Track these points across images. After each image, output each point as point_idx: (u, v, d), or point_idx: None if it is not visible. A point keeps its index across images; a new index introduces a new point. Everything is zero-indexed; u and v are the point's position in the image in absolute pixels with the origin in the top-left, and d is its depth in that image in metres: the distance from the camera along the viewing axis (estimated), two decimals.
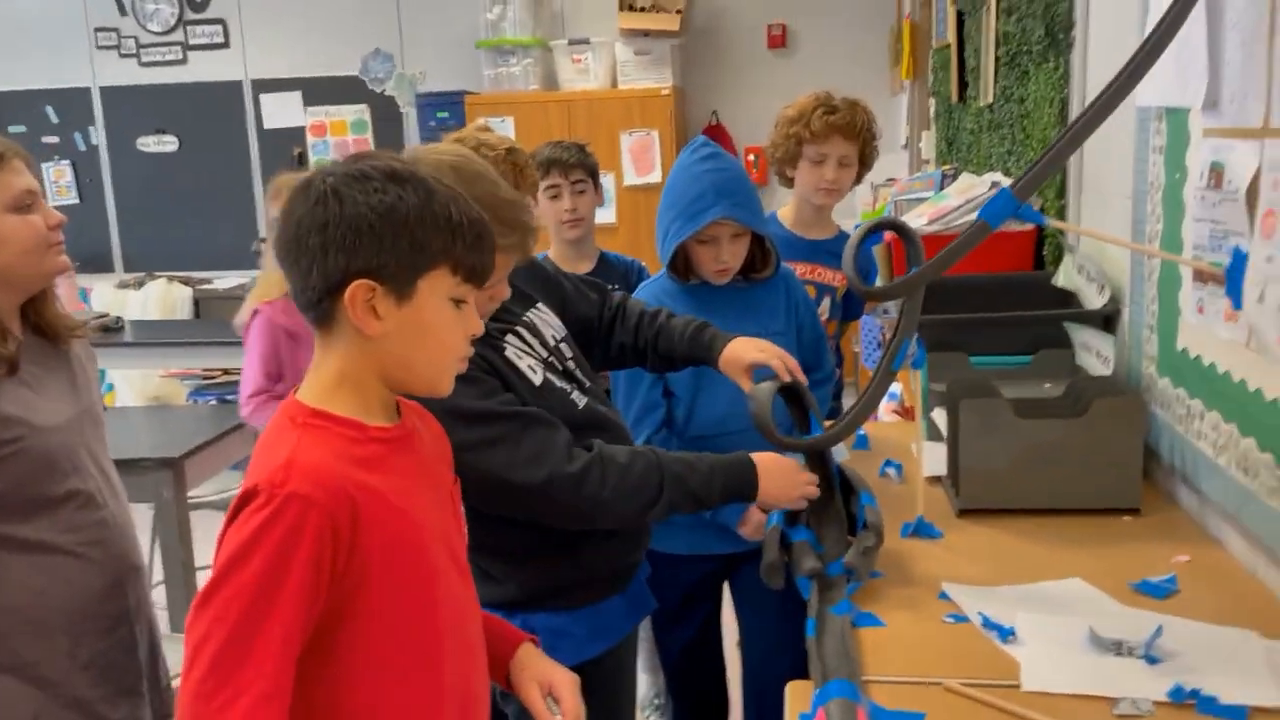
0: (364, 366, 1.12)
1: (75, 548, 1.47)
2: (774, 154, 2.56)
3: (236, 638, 1.00)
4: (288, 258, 1.09)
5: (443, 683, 1.16)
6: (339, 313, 1.08)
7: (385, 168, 1.09)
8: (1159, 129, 1.76)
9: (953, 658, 1.31)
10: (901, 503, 1.78)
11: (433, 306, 1.11)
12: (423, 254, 1.08)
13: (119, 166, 6.50)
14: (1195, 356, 1.63)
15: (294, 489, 1.03)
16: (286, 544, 1.01)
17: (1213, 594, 1.45)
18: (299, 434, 1.08)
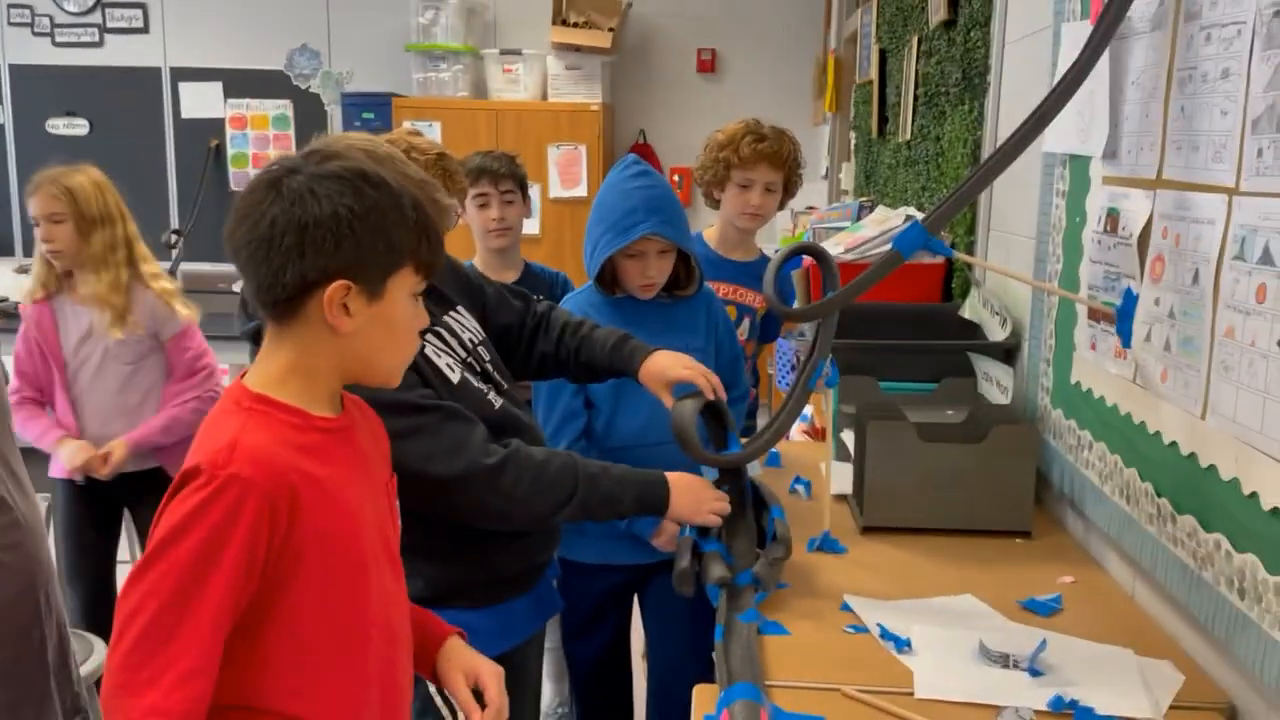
0: (320, 360, 1.14)
1: None
2: (702, 176, 2.63)
3: (166, 613, 1.02)
4: (256, 255, 1.09)
5: (368, 671, 1.17)
6: (305, 309, 1.11)
7: (356, 169, 1.13)
8: (1063, 174, 1.86)
9: (851, 665, 1.37)
10: (809, 518, 1.84)
11: (398, 303, 1.15)
12: (394, 254, 1.13)
13: (25, 147, 6.26)
14: (1087, 390, 1.73)
15: (235, 470, 1.05)
16: (224, 524, 1.03)
17: (1094, 613, 1.54)
18: (244, 417, 1.10)
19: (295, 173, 1.11)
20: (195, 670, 1.02)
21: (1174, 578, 1.42)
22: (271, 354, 1.15)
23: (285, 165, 1.12)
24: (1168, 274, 1.43)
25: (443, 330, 1.66)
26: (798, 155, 2.60)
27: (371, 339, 1.14)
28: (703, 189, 2.66)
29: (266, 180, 1.11)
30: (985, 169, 1.56)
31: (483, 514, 1.54)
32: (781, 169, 2.55)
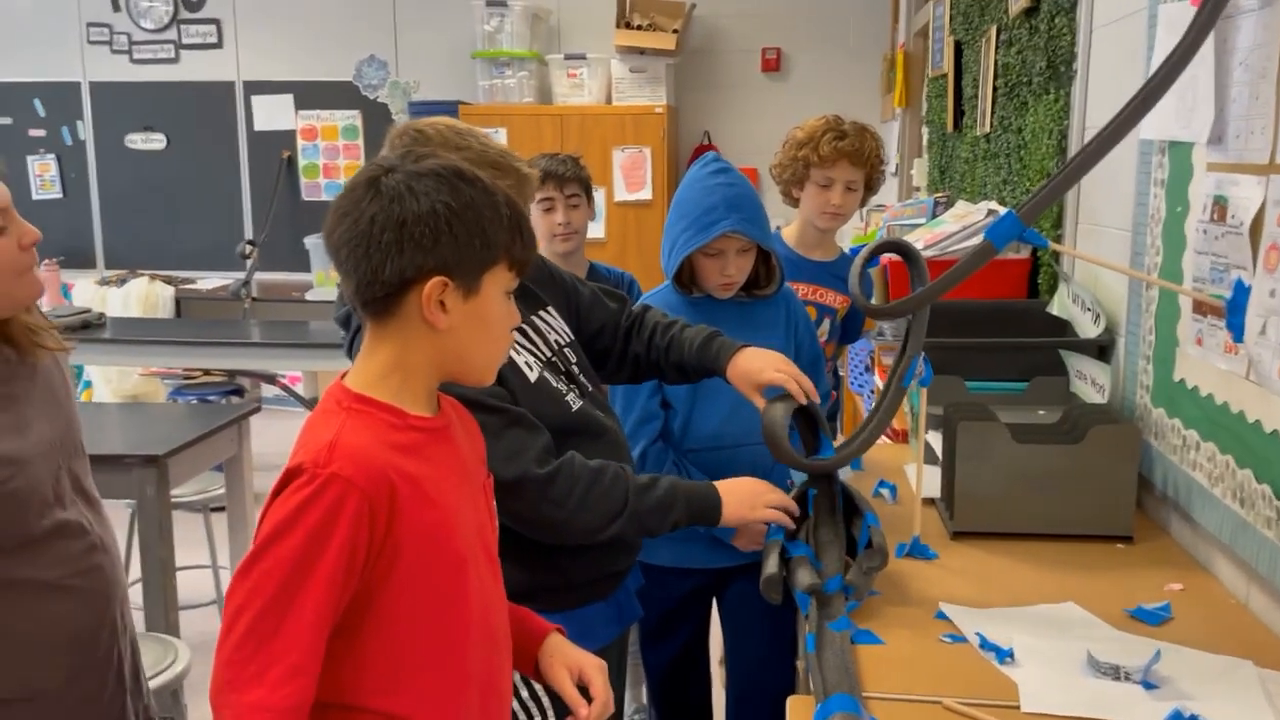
0: (419, 357, 1.15)
1: (65, 580, 1.37)
2: (780, 175, 2.57)
3: (271, 609, 1.04)
4: (355, 252, 1.11)
5: (467, 670, 1.18)
6: (403, 306, 1.12)
7: (452, 167, 1.15)
8: (1161, 162, 1.78)
9: (951, 677, 1.31)
10: (896, 523, 1.78)
11: (493, 299, 1.16)
12: (490, 250, 1.14)
13: (105, 162, 6.45)
14: (1193, 387, 1.65)
15: (336, 470, 1.06)
16: (326, 522, 1.05)
17: (1206, 622, 1.46)
18: (344, 417, 1.12)
19: (393, 171, 1.12)
20: (299, 667, 1.05)
21: None
22: (370, 353, 1.16)
23: (383, 165, 1.14)
24: None
25: (528, 328, 1.66)
26: (880, 152, 2.54)
27: (467, 335, 1.15)
28: (781, 188, 2.60)
29: (365, 179, 1.13)
30: (1082, 158, 1.50)
31: (535, 523, 1.52)
32: (863, 167, 2.48)
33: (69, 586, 1.38)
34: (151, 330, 4.88)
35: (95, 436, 2.96)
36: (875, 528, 1.54)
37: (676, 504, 1.59)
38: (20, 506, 1.32)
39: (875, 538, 1.51)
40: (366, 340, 1.17)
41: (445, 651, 1.16)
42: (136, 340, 4.52)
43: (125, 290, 5.86)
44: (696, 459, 2.02)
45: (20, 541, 1.33)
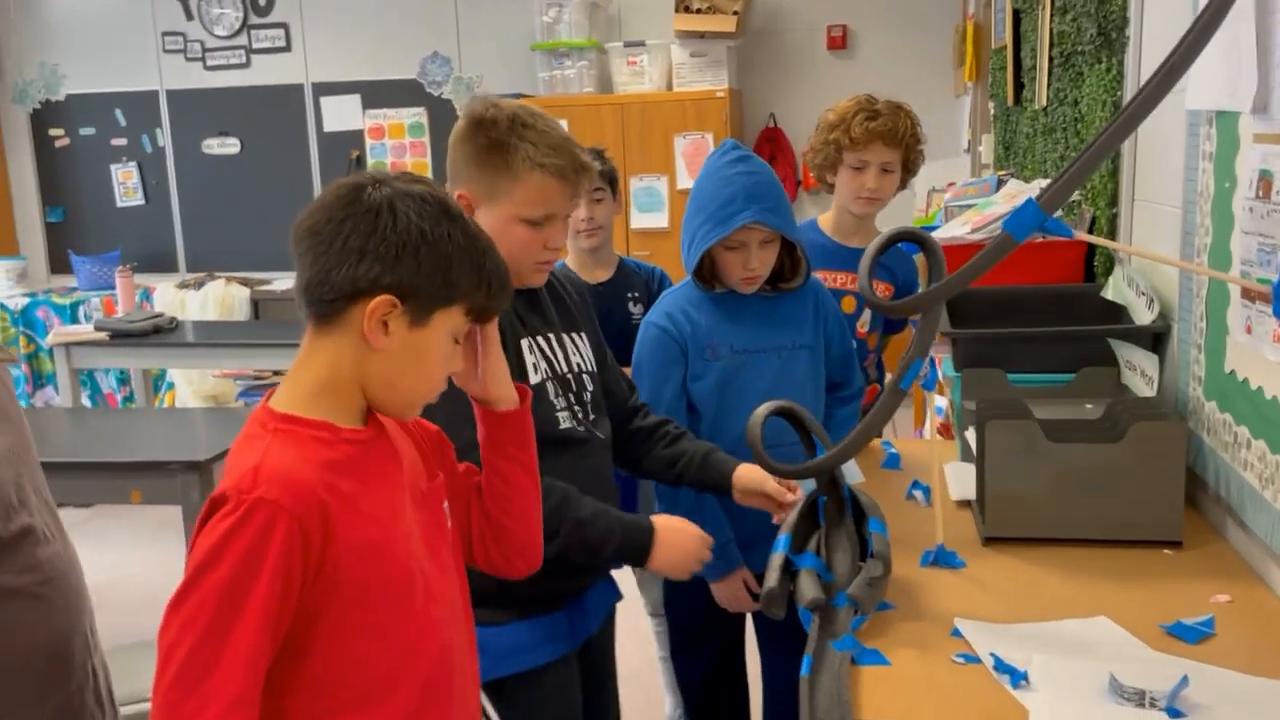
0: (350, 373, 1.13)
1: (35, 588, 1.36)
2: (814, 159, 2.47)
3: (205, 643, 1.00)
4: (316, 246, 1.09)
5: (423, 680, 1.16)
6: (346, 316, 1.10)
7: (441, 198, 1.14)
8: (1209, 134, 1.64)
9: (958, 702, 1.22)
10: (926, 528, 1.69)
11: (437, 338, 1.14)
12: (449, 290, 1.12)
13: (184, 168, 6.62)
14: (1243, 379, 1.51)
15: (261, 494, 1.03)
16: (254, 549, 1.02)
17: (1253, 639, 1.33)
18: (269, 440, 1.09)
19: (382, 185, 1.11)
20: (239, 699, 1.01)
21: None
22: (303, 365, 1.14)
23: (375, 176, 1.13)
24: None
25: (553, 340, 1.66)
26: (916, 130, 2.41)
27: (401, 363, 1.13)
28: (815, 174, 2.50)
29: (352, 184, 1.12)
30: (1105, 137, 1.37)
31: None
32: (898, 147, 2.36)
33: (40, 595, 1.36)
34: (226, 333, 5.00)
35: (143, 443, 3.05)
36: (879, 534, 1.44)
37: (608, 547, 1.60)
38: None
39: (878, 545, 1.42)
40: (303, 349, 1.14)
41: (398, 667, 1.13)
42: (209, 343, 4.63)
43: (203, 293, 6.02)
44: None
45: None
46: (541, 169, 1.53)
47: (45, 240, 6.79)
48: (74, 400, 4.56)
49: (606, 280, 2.62)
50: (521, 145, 1.53)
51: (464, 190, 1.57)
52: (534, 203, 1.55)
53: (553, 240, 1.59)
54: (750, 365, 1.98)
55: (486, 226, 1.49)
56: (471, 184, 1.57)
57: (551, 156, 1.53)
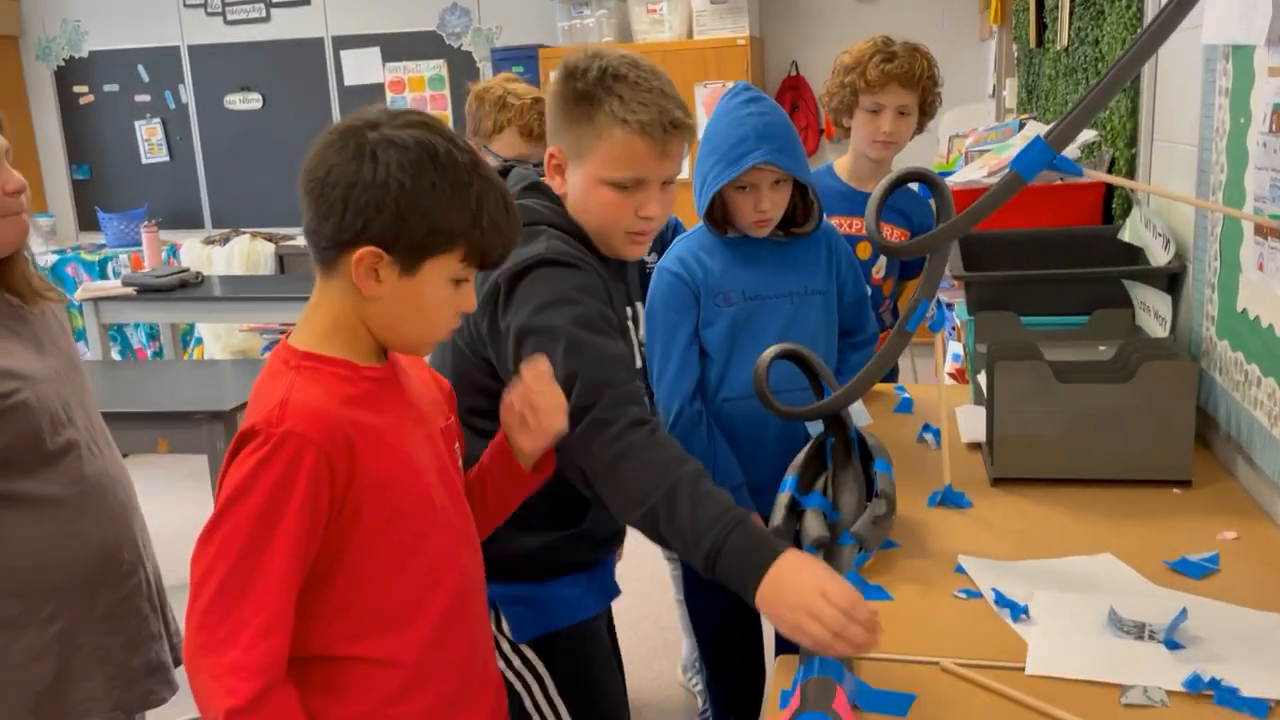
0: (356, 317, 1.14)
1: (80, 499, 1.48)
2: (829, 102, 2.45)
3: (237, 571, 1.04)
4: (309, 195, 1.11)
5: (443, 609, 1.19)
6: (340, 264, 1.11)
7: (429, 144, 1.09)
8: (1225, 69, 1.61)
9: (958, 635, 1.23)
10: (936, 470, 1.69)
11: (431, 285, 1.13)
12: (437, 239, 1.11)
13: (207, 124, 6.64)
14: (1254, 317, 1.50)
15: (289, 427, 1.06)
16: (284, 481, 1.05)
17: (1257, 575, 1.34)
18: (292, 376, 1.11)
19: (374, 128, 1.10)
20: (271, 625, 1.05)
21: None
22: (316, 308, 1.16)
23: (368, 118, 1.11)
24: None
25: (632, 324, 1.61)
26: (933, 72, 2.37)
27: (397, 310, 1.13)
28: (831, 117, 2.47)
29: (345, 126, 1.12)
30: (1112, 74, 1.35)
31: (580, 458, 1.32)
32: (914, 89, 2.33)
33: (84, 505, 1.48)
34: (250, 287, 5.04)
35: (170, 393, 3.10)
36: (884, 474, 1.45)
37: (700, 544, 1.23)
38: (32, 418, 1.42)
39: (883, 485, 1.43)
40: (315, 292, 1.16)
41: (419, 594, 1.17)
42: (237, 297, 4.68)
43: (229, 248, 6.06)
44: (734, 407, 1.95)
45: (36, 459, 1.44)
46: (624, 125, 1.37)
47: (73, 197, 6.86)
48: (104, 354, 4.64)
49: None
50: (608, 98, 1.38)
51: (555, 147, 1.46)
52: (617, 163, 1.40)
53: (646, 207, 1.42)
54: (762, 311, 1.98)
55: (574, 186, 1.45)
56: (560, 139, 1.45)
57: (639, 112, 1.37)
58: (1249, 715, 1.05)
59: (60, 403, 1.47)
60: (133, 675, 1.55)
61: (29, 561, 1.44)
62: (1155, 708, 1.07)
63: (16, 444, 1.41)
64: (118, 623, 1.54)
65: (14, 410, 1.40)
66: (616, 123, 1.38)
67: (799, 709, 1.03)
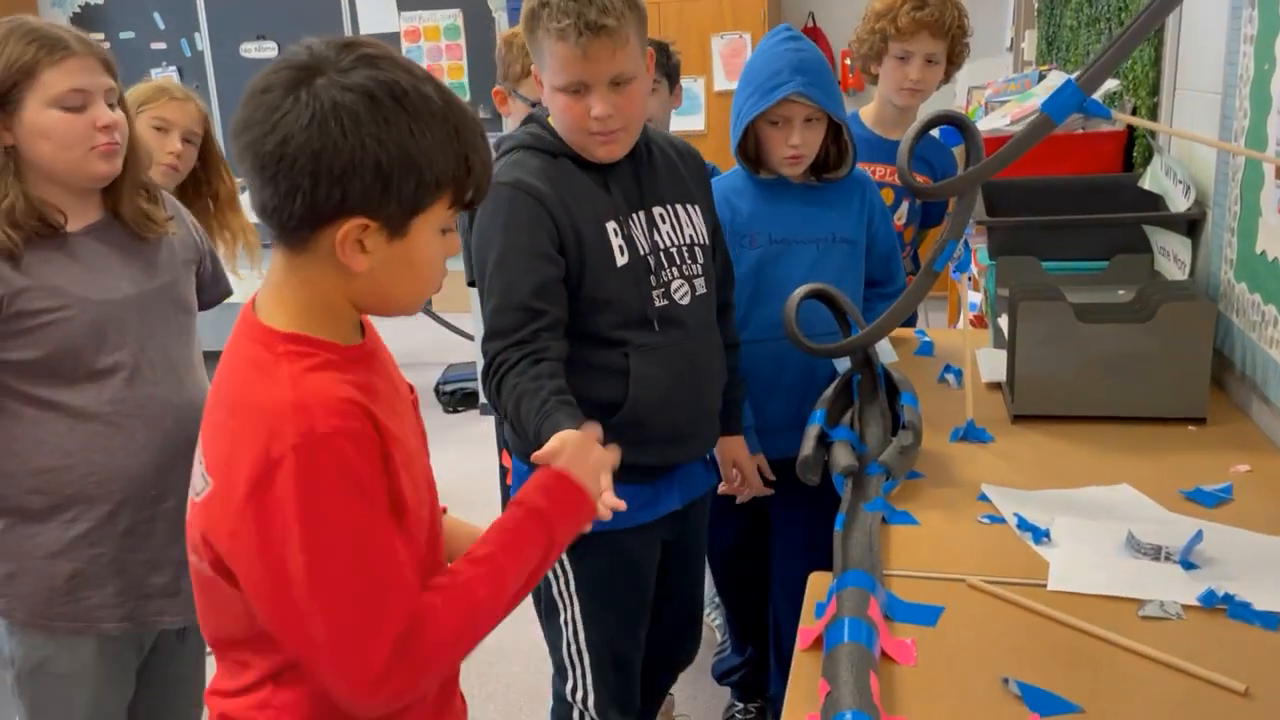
0: (336, 295, 1.01)
1: (117, 419, 1.54)
2: (859, 49, 2.46)
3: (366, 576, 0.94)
4: (263, 172, 0.93)
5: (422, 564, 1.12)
6: (315, 242, 0.96)
7: (389, 83, 0.94)
8: (1251, 16, 1.64)
9: (982, 556, 1.30)
10: (957, 408, 1.75)
11: (422, 241, 1.00)
12: (424, 191, 0.97)
13: (223, 72, 6.64)
14: (1273, 259, 1.55)
15: (314, 425, 0.93)
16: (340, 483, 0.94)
17: (1269, 505, 1.40)
18: (287, 366, 0.97)
19: (319, 74, 0.93)
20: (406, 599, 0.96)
21: None
22: (285, 285, 1.00)
23: (307, 61, 0.94)
24: None
25: (642, 218, 1.63)
26: (963, 21, 2.39)
27: (389, 277, 1.00)
28: (859, 63, 2.49)
29: (286, 79, 0.93)
30: (1145, 16, 1.39)
31: None
32: (943, 38, 2.35)
33: (120, 425, 1.54)
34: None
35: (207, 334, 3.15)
36: (911, 407, 1.51)
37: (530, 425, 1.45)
38: (77, 336, 1.50)
39: (909, 416, 1.48)
40: (277, 268, 1.00)
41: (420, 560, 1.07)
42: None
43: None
44: (755, 349, 1.99)
45: (78, 372, 1.52)
46: (549, 34, 1.50)
47: None
48: None
49: None
50: (542, 14, 1.50)
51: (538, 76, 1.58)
52: (555, 70, 1.52)
53: (594, 108, 1.51)
54: (786, 255, 2.01)
55: (545, 102, 1.55)
56: (536, 63, 1.58)
57: (559, 20, 1.47)
58: (1261, 626, 1.11)
59: (117, 326, 1.54)
60: (148, 592, 1.60)
61: (55, 463, 1.52)
62: (1171, 620, 1.13)
63: (58, 355, 1.49)
64: (139, 540, 1.58)
65: (53, 325, 1.48)
66: (548, 34, 1.51)
67: (836, 615, 1.09)
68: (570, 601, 1.64)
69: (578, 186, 1.59)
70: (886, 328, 1.60)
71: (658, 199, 1.67)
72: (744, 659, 2.35)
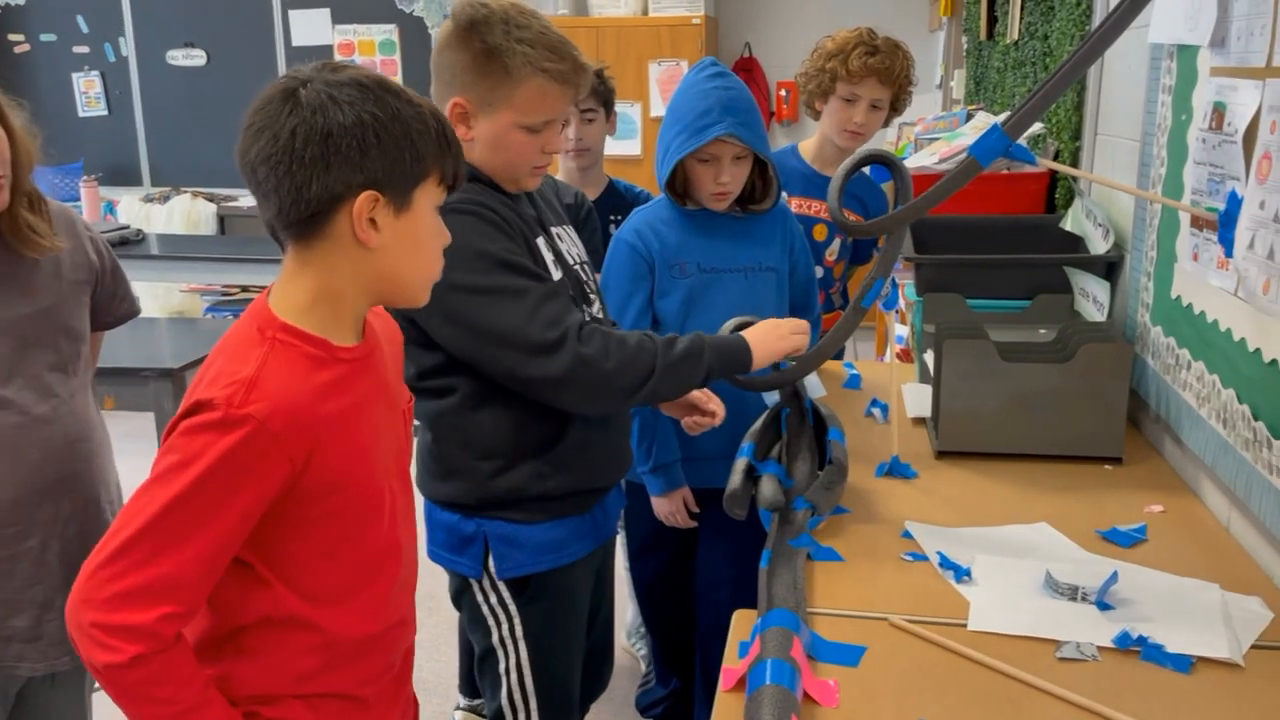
0: (348, 281, 1.09)
1: None
2: (806, 84, 2.47)
3: (152, 535, 0.99)
4: (276, 170, 1.03)
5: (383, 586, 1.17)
6: (330, 226, 1.06)
7: (374, 78, 1.07)
8: (1169, 68, 1.69)
9: (905, 595, 1.30)
10: (883, 443, 1.76)
11: (424, 216, 1.11)
12: (420, 163, 1.08)
13: (148, 79, 6.49)
14: (1187, 305, 1.59)
15: (253, 411, 1.00)
16: (234, 465, 1.00)
17: (1182, 545, 1.43)
18: (266, 350, 1.05)
19: (310, 82, 1.04)
20: (175, 604, 1.00)
21: (1269, 507, 1.30)
22: (295, 277, 1.09)
23: (298, 76, 1.06)
24: (1275, 173, 1.28)
25: (553, 235, 1.63)
26: (909, 72, 2.42)
27: (399, 254, 1.10)
28: (804, 97, 2.51)
29: (280, 90, 1.05)
30: (1070, 65, 1.42)
31: (573, 384, 1.46)
32: (890, 86, 2.38)
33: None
34: (192, 247, 4.95)
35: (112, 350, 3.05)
36: (837, 443, 1.51)
37: (704, 352, 1.54)
38: None
39: (836, 453, 1.49)
40: (290, 264, 1.10)
41: (352, 579, 1.14)
42: (177, 257, 4.59)
43: (169, 207, 5.95)
44: None
45: None
46: (544, 74, 1.46)
47: None
48: None
49: (593, 201, 2.64)
50: (519, 49, 1.45)
51: (460, 98, 1.50)
52: (535, 109, 1.48)
53: (550, 144, 1.54)
54: (716, 284, 2.02)
55: (485, 135, 1.49)
56: (468, 92, 1.49)
57: (552, 60, 1.46)
58: (1173, 669, 1.13)
59: None
60: (6, 635, 1.49)
61: None
62: (1087, 662, 1.15)
63: None
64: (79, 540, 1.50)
65: None
66: (535, 72, 1.46)
67: (759, 656, 1.08)
68: (515, 647, 1.58)
69: (506, 207, 1.57)
70: (816, 363, 1.61)
71: (557, 220, 1.68)
72: (668, 690, 2.34)
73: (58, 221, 1.56)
